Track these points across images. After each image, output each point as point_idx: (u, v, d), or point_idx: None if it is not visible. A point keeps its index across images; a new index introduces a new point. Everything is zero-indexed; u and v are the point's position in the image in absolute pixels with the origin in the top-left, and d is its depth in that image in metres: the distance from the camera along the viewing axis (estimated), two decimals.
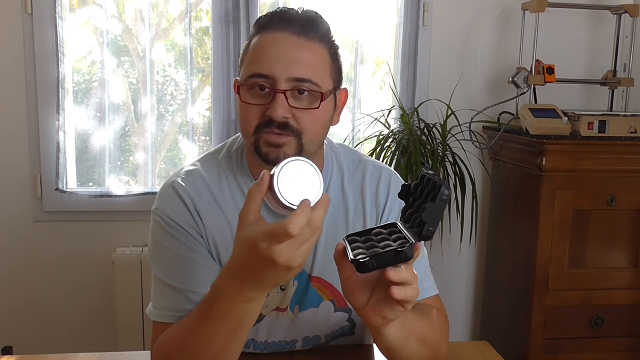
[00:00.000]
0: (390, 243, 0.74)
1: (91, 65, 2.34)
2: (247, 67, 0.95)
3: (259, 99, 0.93)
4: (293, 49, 0.92)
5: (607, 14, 2.34)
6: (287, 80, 0.91)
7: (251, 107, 0.93)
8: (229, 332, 0.83)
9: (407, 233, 0.74)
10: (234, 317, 0.80)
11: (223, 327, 0.82)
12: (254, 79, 0.92)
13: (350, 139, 2.36)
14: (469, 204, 2.25)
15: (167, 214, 1.00)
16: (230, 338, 0.84)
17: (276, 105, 0.91)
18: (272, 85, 0.91)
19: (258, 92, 0.93)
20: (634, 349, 2.16)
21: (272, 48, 0.92)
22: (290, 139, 0.93)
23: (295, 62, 0.92)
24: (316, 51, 0.94)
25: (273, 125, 0.91)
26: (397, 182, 1.11)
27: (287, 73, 0.91)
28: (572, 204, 2.04)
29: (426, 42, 2.37)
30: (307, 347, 1.10)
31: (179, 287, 0.97)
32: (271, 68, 0.91)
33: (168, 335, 0.95)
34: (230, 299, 0.78)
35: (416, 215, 0.74)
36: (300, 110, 0.92)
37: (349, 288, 0.79)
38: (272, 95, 0.92)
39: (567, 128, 2.04)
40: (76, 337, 2.34)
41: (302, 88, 0.92)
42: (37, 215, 2.26)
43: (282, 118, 0.91)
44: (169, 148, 2.42)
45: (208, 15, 2.33)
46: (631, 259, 2.12)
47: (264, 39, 0.94)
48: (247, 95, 0.93)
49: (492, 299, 2.48)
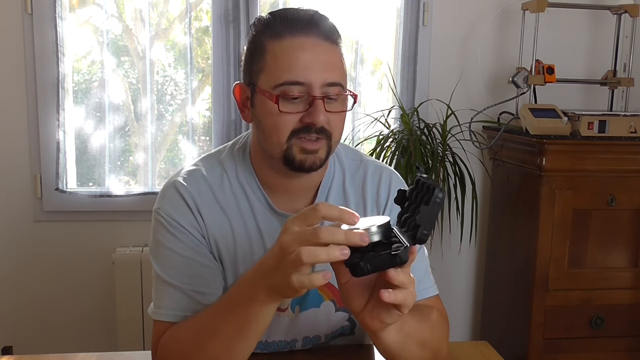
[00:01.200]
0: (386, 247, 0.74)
1: (91, 65, 2.34)
2: (275, 74, 0.93)
3: (294, 107, 0.93)
4: (324, 55, 0.93)
5: (607, 14, 2.34)
6: (322, 85, 0.92)
7: (286, 115, 0.92)
8: (236, 327, 0.84)
9: (402, 237, 0.74)
10: (244, 314, 0.83)
11: (231, 320, 0.85)
12: (288, 87, 0.91)
13: (350, 139, 2.36)
14: (469, 204, 2.25)
15: (168, 214, 1.00)
16: (235, 335, 0.85)
17: (318, 111, 0.91)
18: (308, 92, 0.92)
19: (293, 100, 0.92)
20: (634, 349, 2.16)
21: (302, 54, 0.92)
22: (324, 142, 0.94)
23: (328, 67, 0.93)
24: (337, 54, 0.96)
25: (312, 130, 0.92)
26: (398, 182, 1.11)
27: (322, 79, 0.92)
28: (572, 204, 2.04)
29: (426, 42, 2.37)
30: (307, 347, 1.10)
31: (180, 287, 0.98)
32: (307, 75, 0.91)
33: (174, 332, 0.95)
34: (246, 295, 0.82)
35: (411, 219, 0.74)
36: (332, 113, 0.94)
37: (347, 293, 0.79)
38: (309, 102, 0.92)
39: (567, 128, 2.04)
40: (76, 337, 2.34)
41: (332, 93, 0.93)
42: (37, 215, 2.26)
43: (322, 124, 0.92)
44: (169, 148, 2.42)
45: (208, 15, 2.33)
46: (631, 259, 2.12)
47: (289, 44, 0.92)
48: (283, 104, 0.92)
49: (492, 299, 2.48)
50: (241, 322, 0.84)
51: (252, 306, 0.81)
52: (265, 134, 0.96)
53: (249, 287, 0.82)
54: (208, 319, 0.90)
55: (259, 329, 0.84)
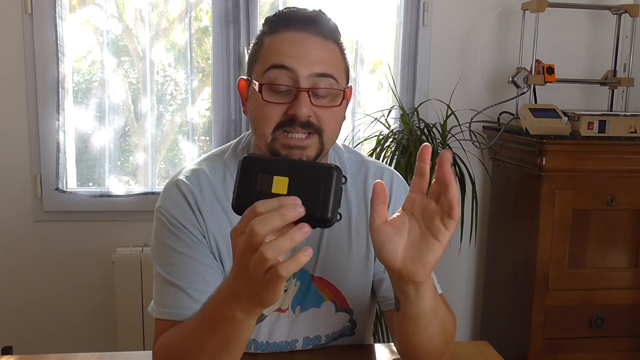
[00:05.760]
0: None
1: (91, 65, 2.34)
2: (263, 61, 0.94)
3: (279, 98, 0.92)
4: (314, 49, 0.93)
5: (607, 14, 2.34)
6: (309, 76, 0.91)
7: (270, 106, 0.92)
8: (218, 344, 0.83)
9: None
10: (224, 332, 0.81)
11: (213, 337, 0.83)
12: (274, 71, 0.91)
13: (350, 139, 2.36)
14: (469, 204, 2.25)
15: (170, 212, 1.00)
16: (219, 351, 0.84)
17: (300, 103, 0.90)
18: (294, 83, 0.91)
19: (278, 91, 0.92)
20: (634, 349, 2.17)
21: (292, 46, 0.92)
22: (314, 138, 0.93)
23: (318, 59, 0.92)
24: (334, 51, 0.96)
25: (296, 124, 0.91)
26: (399, 183, 1.12)
27: (309, 69, 0.91)
28: (572, 204, 2.04)
29: (426, 42, 2.37)
30: (307, 348, 1.10)
31: (180, 285, 0.98)
32: (292, 62, 0.91)
33: (171, 335, 0.95)
34: (224, 315, 0.79)
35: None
36: (321, 108, 0.93)
37: (381, 248, 0.78)
38: (294, 94, 0.91)
39: (567, 128, 2.04)
40: (76, 337, 2.34)
41: (322, 86, 0.92)
42: (37, 215, 2.26)
43: (306, 117, 0.91)
44: (169, 148, 2.42)
45: (208, 15, 2.33)
46: (631, 259, 2.12)
47: (281, 37, 0.94)
48: (267, 93, 0.92)
49: (492, 299, 2.48)
50: (222, 339, 0.82)
51: (232, 325, 0.79)
52: (253, 125, 0.97)
53: (225, 308, 0.78)
54: (193, 332, 0.89)
55: (242, 342, 0.83)
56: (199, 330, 0.87)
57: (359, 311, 1.11)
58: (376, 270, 1.09)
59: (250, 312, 0.77)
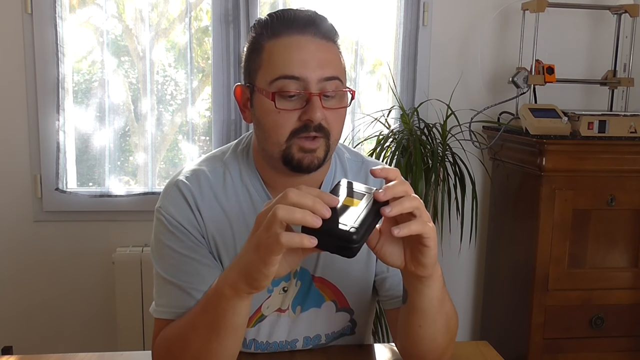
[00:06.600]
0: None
1: (91, 65, 2.34)
2: (270, 69, 0.93)
3: (291, 104, 0.92)
4: (319, 51, 0.93)
5: (607, 14, 2.34)
6: (318, 81, 0.92)
7: (283, 113, 0.92)
8: (208, 323, 0.86)
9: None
10: (214, 310, 0.84)
11: (204, 316, 0.87)
12: (283, 82, 0.91)
13: (350, 139, 2.36)
14: (469, 204, 2.25)
15: (169, 213, 1.00)
16: (210, 332, 0.86)
17: (314, 107, 0.91)
18: (305, 89, 0.91)
19: (288, 97, 0.92)
20: (634, 349, 2.17)
21: (298, 52, 0.92)
22: (322, 141, 0.94)
23: (324, 63, 0.93)
24: (335, 52, 0.96)
25: (310, 129, 0.92)
26: None
27: (318, 74, 0.92)
28: (572, 204, 2.04)
29: (426, 42, 2.37)
30: (307, 347, 1.10)
31: (179, 285, 0.98)
32: (302, 71, 0.91)
33: (172, 325, 0.97)
34: (216, 290, 0.84)
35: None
36: (329, 110, 0.93)
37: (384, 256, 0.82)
38: (305, 99, 0.92)
39: (567, 128, 2.04)
40: (76, 337, 2.34)
41: (330, 89, 0.93)
42: (37, 215, 2.26)
43: (320, 120, 0.92)
44: (169, 148, 2.42)
45: (208, 15, 2.33)
46: (631, 259, 2.12)
47: (284, 42, 0.93)
48: (279, 101, 0.92)
49: (492, 299, 2.48)
50: (212, 318, 0.85)
51: (219, 301, 0.83)
52: (265, 134, 0.96)
53: (217, 284, 0.84)
54: (190, 314, 0.93)
55: (231, 324, 0.85)
56: (194, 311, 0.92)
57: (360, 311, 1.11)
58: (378, 270, 1.09)
59: (237, 289, 0.79)
